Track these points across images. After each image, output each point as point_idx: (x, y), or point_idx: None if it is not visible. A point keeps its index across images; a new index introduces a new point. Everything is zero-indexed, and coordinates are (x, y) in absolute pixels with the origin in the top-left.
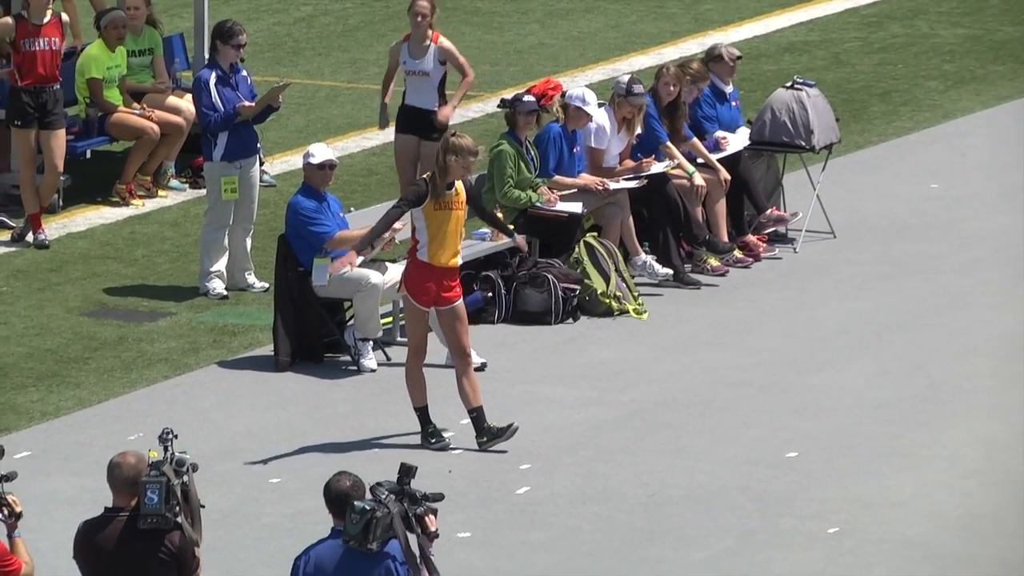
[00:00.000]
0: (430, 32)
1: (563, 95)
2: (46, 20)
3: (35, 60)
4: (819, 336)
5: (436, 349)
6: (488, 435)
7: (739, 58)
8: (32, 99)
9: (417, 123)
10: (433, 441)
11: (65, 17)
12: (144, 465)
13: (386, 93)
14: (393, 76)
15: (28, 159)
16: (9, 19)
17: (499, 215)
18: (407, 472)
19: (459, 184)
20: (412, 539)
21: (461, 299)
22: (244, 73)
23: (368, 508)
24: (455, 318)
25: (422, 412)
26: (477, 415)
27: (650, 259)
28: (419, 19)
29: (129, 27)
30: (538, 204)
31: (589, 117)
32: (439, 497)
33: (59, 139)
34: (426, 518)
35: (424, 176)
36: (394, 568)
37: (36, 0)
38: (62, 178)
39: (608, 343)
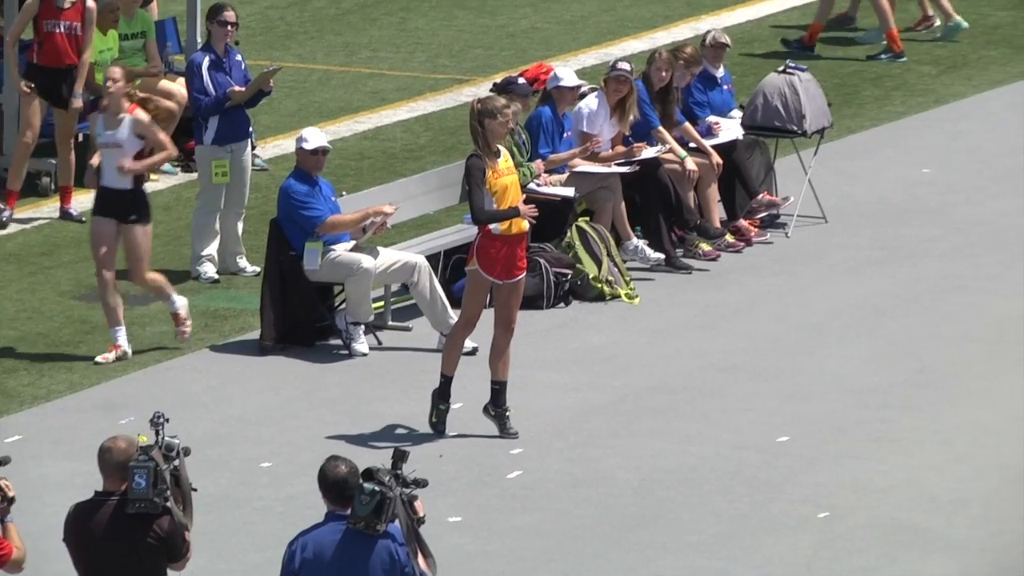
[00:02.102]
0: (125, 103)
1: (544, 88)
2: (68, 4)
3: (53, 42)
4: (810, 321)
5: (428, 333)
6: (497, 412)
7: (725, 45)
8: (46, 79)
9: (114, 205)
10: (434, 420)
11: (90, 3)
12: (134, 449)
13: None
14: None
15: (29, 128)
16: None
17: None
18: (401, 457)
19: (504, 152)
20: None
21: (524, 273)
22: (238, 57)
23: (378, 490)
24: (514, 292)
25: (447, 383)
26: (499, 388)
27: (642, 244)
28: (110, 93)
29: (122, 10)
30: (531, 180)
31: (574, 91)
32: (424, 483)
33: (72, 117)
34: (415, 503)
35: (473, 152)
36: (395, 549)
37: None
38: (52, 161)
39: (600, 327)
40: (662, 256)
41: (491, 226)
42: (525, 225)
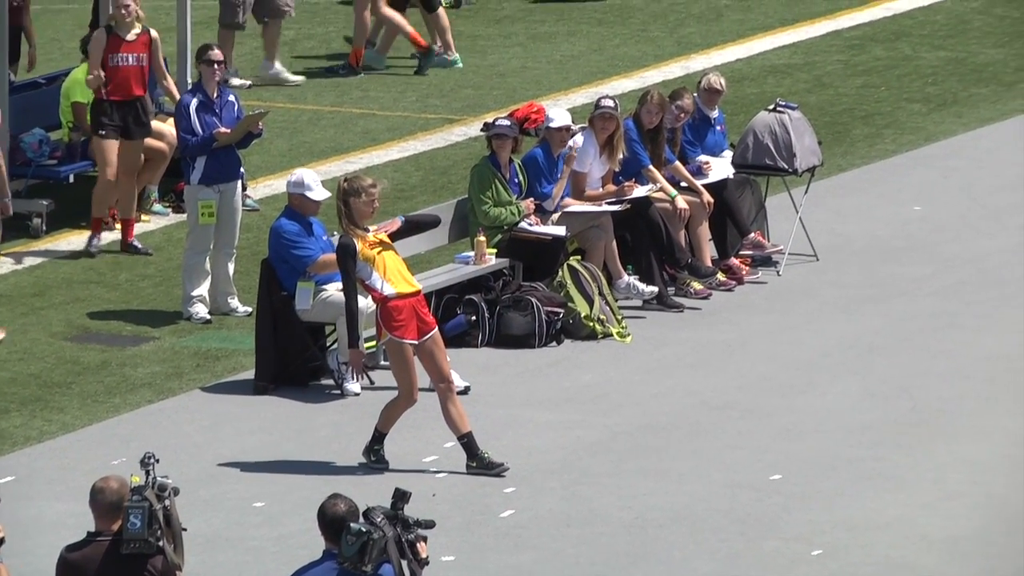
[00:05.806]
0: None
1: (543, 127)
2: (132, 36)
3: (120, 76)
4: (802, 359)
5: (421, 372)
6: (479, 462)
7: (719, 91)
8: (117, 112)
9: None
10: (373, 460)
11: (154, 34)
12: (126, 489)
13: None
14: None
15: (107, 165)
16: (101, 33)
17: (481, 238)
18: (401, 497)
19: (372, 228)
20: (404, 564)
21: (437, 327)
22: (231, 98)
23: (364, 530)
24: (435, 346)
25: (381, 436)
26: (468, 440)
27: (633, 279)
28: None
29: None
30: (520, 219)
31: (562, 131)
32: (430, 524)
33: (136, 148)
34: (417, 544)
35: (339, 230)
36: None
37: (120, 15)
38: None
39: (592, 366)
40: (655, 289)
41: (386, 293)
42: (417, 285)
